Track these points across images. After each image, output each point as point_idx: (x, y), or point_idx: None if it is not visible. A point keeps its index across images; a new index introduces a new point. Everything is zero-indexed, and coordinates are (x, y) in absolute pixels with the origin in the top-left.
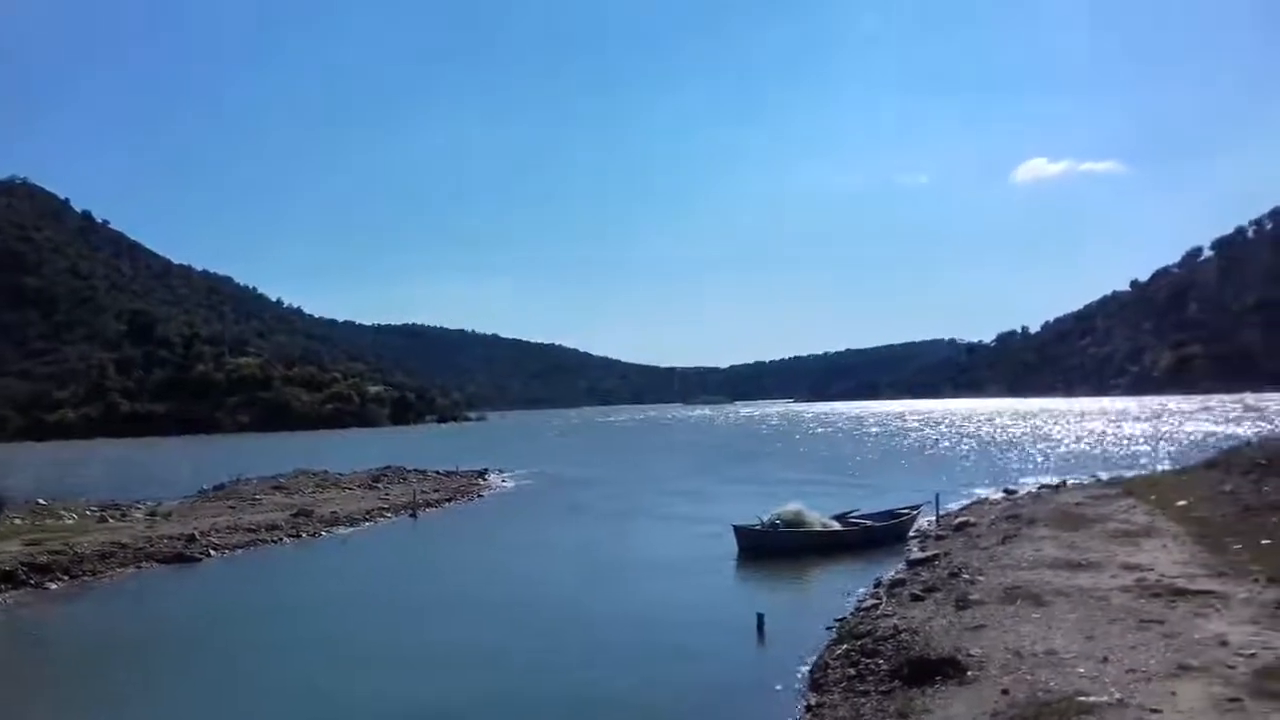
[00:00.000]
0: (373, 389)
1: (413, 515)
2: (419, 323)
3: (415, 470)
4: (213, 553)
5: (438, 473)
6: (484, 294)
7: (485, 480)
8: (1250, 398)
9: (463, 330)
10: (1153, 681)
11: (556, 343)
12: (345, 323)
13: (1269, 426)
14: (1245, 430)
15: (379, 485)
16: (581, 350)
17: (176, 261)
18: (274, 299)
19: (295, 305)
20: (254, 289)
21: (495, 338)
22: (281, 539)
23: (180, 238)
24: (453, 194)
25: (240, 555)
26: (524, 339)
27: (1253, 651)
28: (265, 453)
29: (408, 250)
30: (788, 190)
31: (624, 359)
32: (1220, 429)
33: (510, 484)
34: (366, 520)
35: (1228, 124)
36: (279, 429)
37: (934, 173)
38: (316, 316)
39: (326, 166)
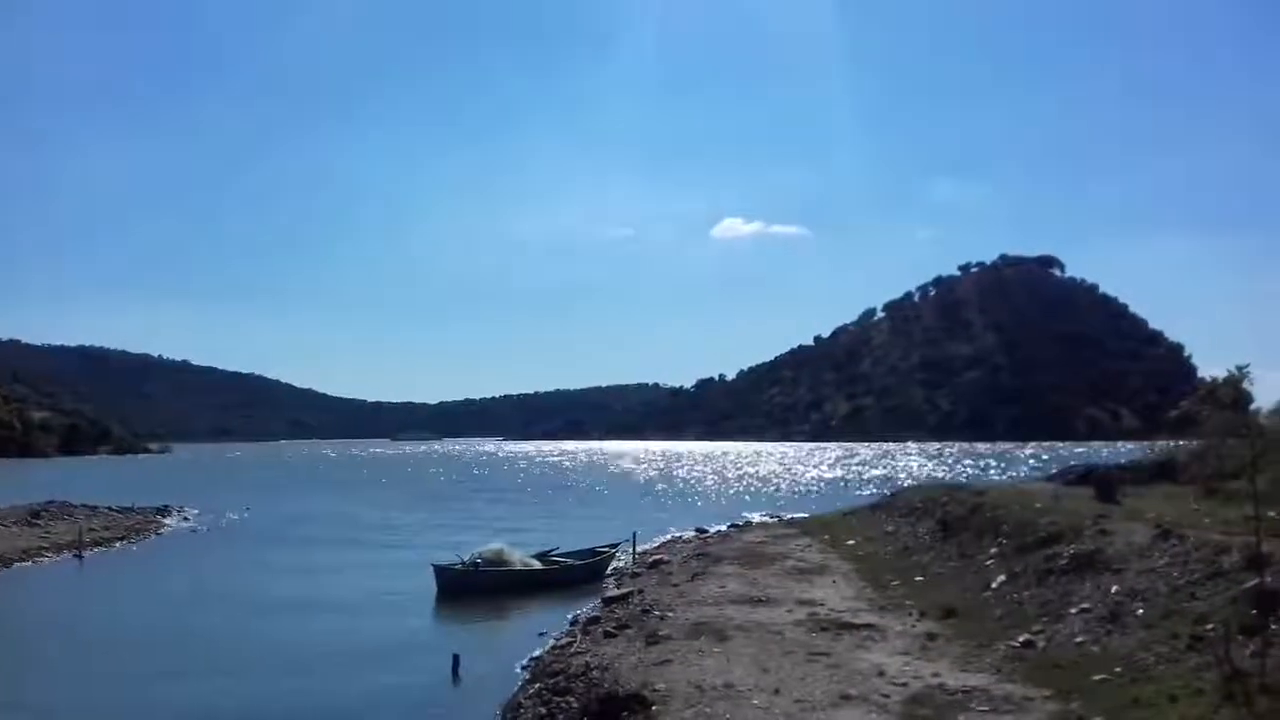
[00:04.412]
0: (38, 415)
1: (78, 555)
2: (97, 345)
3: (85, 506)
4: None
5: (110, 509)
6: (171, 319)
7: (164, 518)
8: (913, 446)
9: (147, 355)
10: (818, 711)
11: (255, 373)
12: (10, 341)
13: (926, 473)
14: (906, 475)
15: (40, 521)
16: (283, 381)
17: None
18: None
19: None
20: None
21: (185, 364)
22: None
23: None
24: (137, 211)
25: None
26: (217, 367)
27: (904, 681)
28: None
29: (84, 267)
30: (499, 234)
31: (329, 392)
32: (885, 473)
33: (192, 522)
34: (23, 560)
35: (895, 198)
36: None
37: (638, 226)
38: None
39: None
